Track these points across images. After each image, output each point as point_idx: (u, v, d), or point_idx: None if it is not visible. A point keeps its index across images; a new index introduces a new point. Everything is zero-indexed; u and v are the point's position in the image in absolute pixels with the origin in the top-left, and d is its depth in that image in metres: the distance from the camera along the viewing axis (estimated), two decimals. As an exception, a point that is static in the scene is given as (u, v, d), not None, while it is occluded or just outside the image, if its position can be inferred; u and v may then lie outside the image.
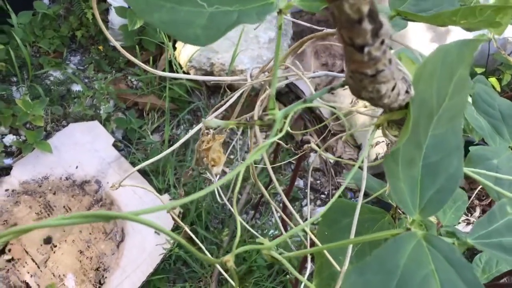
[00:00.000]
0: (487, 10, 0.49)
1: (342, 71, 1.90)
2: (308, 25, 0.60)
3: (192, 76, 0.63)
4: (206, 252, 0.72)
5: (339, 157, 1.90)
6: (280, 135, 0.31)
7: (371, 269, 0.31)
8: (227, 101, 0.51)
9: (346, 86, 0.30)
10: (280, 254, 0.37)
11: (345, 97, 1.82)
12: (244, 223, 0.84)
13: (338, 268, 0.52)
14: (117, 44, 0.53)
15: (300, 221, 0.57)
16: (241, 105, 0.57)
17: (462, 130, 0.52)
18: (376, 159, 1.79)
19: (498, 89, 2.00)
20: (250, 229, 0.65)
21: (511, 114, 0.69)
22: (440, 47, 0.38)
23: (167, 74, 0.56)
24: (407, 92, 0.31)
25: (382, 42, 0.23)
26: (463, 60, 0.39)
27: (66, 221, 0.25)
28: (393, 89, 0.28)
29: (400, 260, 0.32)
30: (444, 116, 0.38)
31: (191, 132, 0.51)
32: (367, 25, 0.21)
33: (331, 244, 0.41)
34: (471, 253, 1.51)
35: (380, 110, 0.44)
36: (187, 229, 0.64)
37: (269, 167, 0.48)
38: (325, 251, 0.55)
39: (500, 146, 0.70)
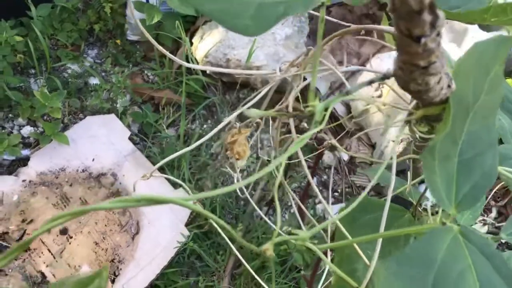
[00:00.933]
0: (520, 8, 0.49)
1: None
2: (335, 20, 0.60)
3: (221, 69, 0.63)
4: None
5: (352, 156, 1.90)
6: (320, 127, 0.31)
7: (409, 262, 0.32)
8: (257, 94, 0.52)
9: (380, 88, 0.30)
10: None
11: (366, 94, 1.81)
12: (265, 217, 0.85)
13: (367, 262, 0.52)
14: (151, 38, 0.53)
15: (327, 214, 0.57)
16: (269, 99, 0.57)
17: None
18: (391, 158, 1.78)
19: (515, 90, 1.98)
20: (270, 222, 0.65)
21: (536, 114, 0.69)
22: (477, 44, 0.39)
23: (190, 65, 0.56)
24: (449, 86, 0.31)
25: (438, 34, 0.23)
26: (498, 57, 0.40)
27: (120, 203, 0.25)
28: (438, 82, 0.29)
29: (437, 253, 0.32)
30: (480, 113, 0.38)
31: (221, 125, 0.51)
32: (426, 16, 0.22)
33: (360, 237, 0.41)
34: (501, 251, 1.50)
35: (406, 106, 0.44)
36: (211, 216, 0.65)
37: (304, 165, 0.48)
38: (354, 244, 0.55)
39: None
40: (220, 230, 0.76)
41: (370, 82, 0.33)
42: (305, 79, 0.66)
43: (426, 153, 0.35)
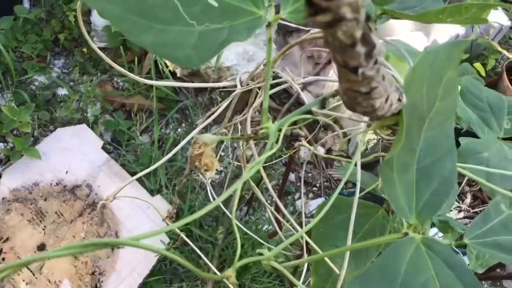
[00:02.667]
0: (473, 8, 0.49)
1: (328, 62, 1.90)
2: (295, 25, 0.60)
3: (180, 84, 0.62)
4: (203, 256, 0.73)
5: (329, 149, 1.91)
6: (275, 149, 0.31)
7: (373, 278, 0.32)
8: (218, 108, 0.51)
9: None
10: (280, 263, 0.37)
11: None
12: (240, 225, 0.84)
13: (337, 271, 0.52)
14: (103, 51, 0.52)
15: (296, 226, 0.57)
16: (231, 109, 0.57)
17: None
18: (366, 149, 1.80)
19: (483, 74, 2.01)
20: (248, 231, 0.65)
21: (499, 105, 0.70)
22: (428, 50, 0.39)
23: (154, 82, 0.55)
24: (399, 100, 0.31)
25: (376, 62, 0.23)
26: (451, 61, 0.40)
27: (62, 252, 0.25)
28: (386, 101, 0.28)
29: (400, 266, 0.32)
30: (436, 119, 0.38)
31: (183, 142, 0.51)
32: (360, 49, 0.21)
33: (331, 251, 0.41)
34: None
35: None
36: (185, 238, 0.64)
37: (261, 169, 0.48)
38: (324, 257, 0.55)
39: (490, 137, 0.70)
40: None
41: (323, 100, 0.33)
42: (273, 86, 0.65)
43: (384, 166, 0.35)
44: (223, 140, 0.50)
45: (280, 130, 0.32)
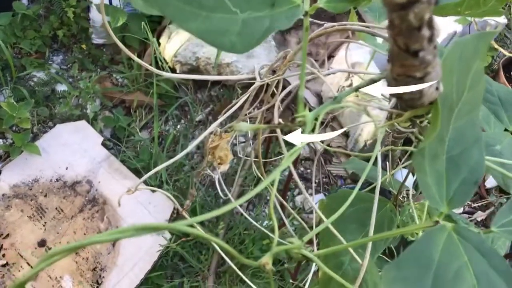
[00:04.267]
0: (491, 1, 0.50)
1: (328, 58, 1.91)
2: (316, 21, 0.60)
3: (199, 76, 0.62)
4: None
5: (328, 145, 1.91)
6: (315, 137, 0.31)
7: (408, 264, 0.32)
8: (238, 101, 0.51)
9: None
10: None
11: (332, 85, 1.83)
12: (250, 218, 0.85)
13: (359, 259, 0.52)
14: (118, 42, 0.52)
15: (322, 216, 0.57)
16: (249, 102, 0.57)
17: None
18: (364, 146, 1.81)
19: (480, 71, 2.03)
20: (255, 223, 0.66)
21: (509, 99, 0.71)
22: (458, 42, 0.39)
23: (168, 74, 0.55)
24: (436, 88, 0.31)
25: (435, 47, 0.23)
26: (478, 53, 0.40)
27: (115, 235, 0.25)
28: (436, 88, 0.29)
29: (434, 253, 0.33)
30: (463, 109, 0.39)
31: (204, 134, 0.51)
32: (425, 32, 0.22)
33: (356, 241, 0.41)
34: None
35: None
36: (199, 228, 0.64)
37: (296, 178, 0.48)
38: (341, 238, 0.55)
39: (499, 131, 0.71)
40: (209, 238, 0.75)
41: (358, 88, 0.33)
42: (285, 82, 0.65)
43: (417, 155, 0.35)
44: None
45: (316, 119, 0.32)
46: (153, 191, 1.57)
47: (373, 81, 0.31)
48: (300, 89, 0.32)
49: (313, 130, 0.32)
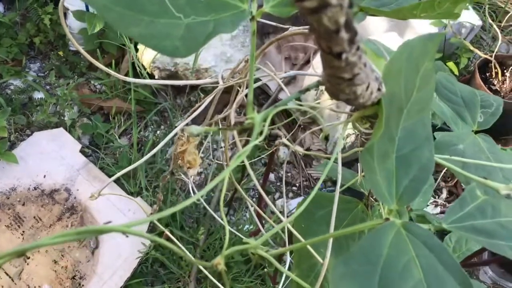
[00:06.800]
0: (446, 3, 0.51)
1: (307, 62, 1.92)
2: (274, 24, 0.61)
3: (163, 82, 0.63)
4: (188, 254, 0.73)
5: (308, 148, 1.92)
6: (260, 138, 0.32)
7: (356, 260, 0.33)
8: (201, 104, 0.52)
9: (322, 87, 0.31)
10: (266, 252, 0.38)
11: (309, 93, 1.84)
12: (227, 225, 0.85)
13: (320, 260, 0.53)
14: (82, 50, 0.53)
15: (281, 216, 0.58)
16: (214, 105, 0.58)
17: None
18: (344, 148, 1.82)
19: (456, 72, 2.06)
20: (235, 231, 0.66)
21: (472, 99, 0.72)
22: (406, 43, 0.40)
23: (139, 81, 0.56)
24: (378, 89, 0.32)
25: (358, 48, 0.24)
26: (427, 53, 0.41)
27: (56, 239, 0.25)
28: (367, 89, 0.30)
29: (382, 249, 0.34)
30: (413, 109, 0.40)
31: (164, 141, 0.51)
32: (344, 34, 0.22)
33: (313, 239, 0.42)
34: (440, 234, 1.55)
35: (348, 106, 0.45)
36: (168, 233, 0.65)
37: (247, 163, 0.49)
38: (308, 246, 0.56)
39: (464, 130, 0.73)
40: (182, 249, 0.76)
41: (306, 90, 0.34)
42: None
43: (365, 154, 0.36)
44: (207, 135, 0.51)
45: (265, 120, 0.33)
46: (131, 193, 1.57)
47: (320, 83, 0.32)
48: (249, 93, 0.33)
49: (261, 133, 0.33)
